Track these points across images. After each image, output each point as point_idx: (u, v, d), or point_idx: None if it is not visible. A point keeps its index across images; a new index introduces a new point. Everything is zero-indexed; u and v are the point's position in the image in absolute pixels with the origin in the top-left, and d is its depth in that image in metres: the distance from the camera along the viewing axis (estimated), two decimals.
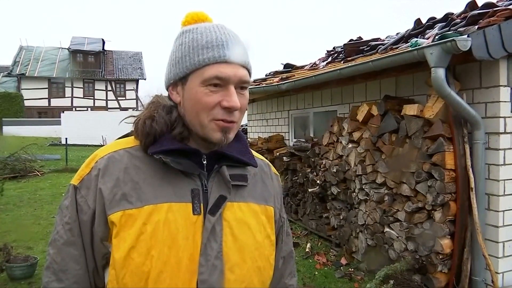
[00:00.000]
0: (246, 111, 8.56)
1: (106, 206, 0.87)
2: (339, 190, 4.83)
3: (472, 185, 3.25)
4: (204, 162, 0.94)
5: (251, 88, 6.85)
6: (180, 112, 0.95)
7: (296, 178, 5.94)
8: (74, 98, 33.04)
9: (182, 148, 0.92)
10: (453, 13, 4.57)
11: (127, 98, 34.52)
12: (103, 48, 34.50)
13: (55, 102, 32.24)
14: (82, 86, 33.44)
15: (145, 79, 35.13)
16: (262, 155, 1.18)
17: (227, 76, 0.88)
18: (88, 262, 0.91)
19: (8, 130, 24.69)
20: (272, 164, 1.17)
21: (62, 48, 34.80)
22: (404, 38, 4.84)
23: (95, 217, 0.88)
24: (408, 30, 5.09)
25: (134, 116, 0.99)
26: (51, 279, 0.89)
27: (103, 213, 0.88)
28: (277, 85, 5.88)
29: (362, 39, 6.54)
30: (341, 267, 4.55)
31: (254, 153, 1.09)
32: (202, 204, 0.90)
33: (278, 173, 1.16)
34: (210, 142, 0.92)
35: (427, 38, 3.94)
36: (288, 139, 6.90)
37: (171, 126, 0.93)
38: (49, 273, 0.90)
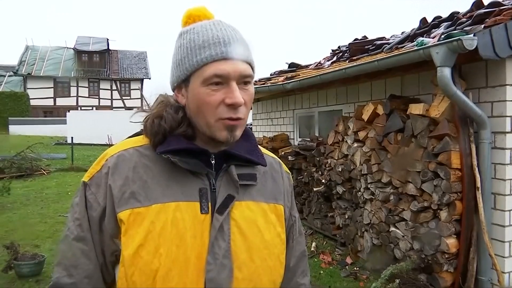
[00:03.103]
0: (251, 110, 8.59)
1: (116, 204, 0.88)
2: (344, 189, 4.82)
3: (478, 184, 3.24)
4: (212, 162, 0.95)
5: (256, 87, 6.86)
6: (187, 113, 0.95)
7: (301, 177, 5.94)
8: (79, 98, 33.20)
9: (190, 148, 0.92)
10: (459, 12, 4.56)
11: (132, 97, 34.62)
12: (108, 48, 34.63)
13: (61, 102, 32.42)
14: (87, 86, 33.59)
15: (150, 79, 35.21)
16: None
17: (226, 72, 0.87)
18: (98, 257, 0.91)
19: (14, 129, 24.86)
20: None
21: (67, 47, 34.98)
22: (410, 38, 4.83)
23: (105, 214, 0.89)
24: (413, 29, 5.08)
25: (144, 112, 0.99)
26: (62, 274, 0.89)
27: (112, 210, 0.88)
28: (282, 84, 5.88)
29: (367, 38, 6.53)
30: (347, 266, 4.55)
31: (264, 150, 1.08)
32: (210, 203, 0.91)
33: (289, 171, 1.15)
34: (218, 141, 0.92)
35: (433, 37, 3.93)
36: (293, 138, 6.90)
37: (178, 125, 0.94)
38: (60, 268, 0.90)
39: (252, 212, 0.95)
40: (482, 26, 3.27)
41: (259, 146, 1.05)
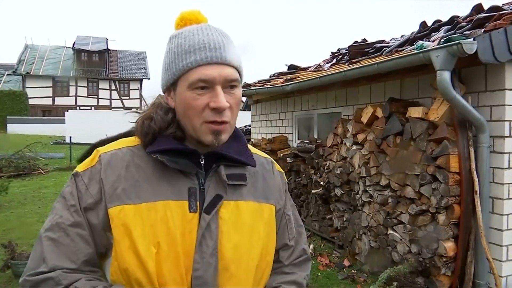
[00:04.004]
0: (250, 112, 8.60)
1: (107, 199, 0.90)
2: (342, 192, 4.83)
3: (477, 188, 3.25)
4: (202, 162, 0.97)
5: (255, 89, 6.88)
6: (177, 115, 0.97)
7: (299, 179, 5.95)
8: (78, 97, 33.16)
9: (178, 148, 0.94)
10: (458, 16, 4.57)
11: (131, 97, 34.61)
12: (107, 48, 34.61)
13: (59, 101, 32.39)
14: (86, 85, 33.55)
15: (149, 79, 35.20)
16: None
17: (211, 77, 0.89)
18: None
19: (12, 128, 24.81)
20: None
21: (66, 47, 34.97)
22: (409, 41, 4.84)
23: (99, 208, 0.90)
24: (413, 32, 5.08)
25: (138, 113, 1.02)
26: (60, 261, 0.86)
27: (104, 205, 0.90)
28: (281, 86, 5.89)
29: (367, 41, 6.53)
30: (344, 269, 4.55)
31: (256, 150, 1.11)
32: (198, 203, 0.92)
33: (282, 170, 1.16)
34: (204, 144, 0.94)
35: (433, 41, 3.94)
36: (292, 140, 6.90)
37: (168, 126, 0.96)
38: (57, 256, 0.87)
39: (241, 212, 0.97)
40: (482, 30, 3.28)
41: (249, 147, 1.07)
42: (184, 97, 0.92)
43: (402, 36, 5.70)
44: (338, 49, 7.49)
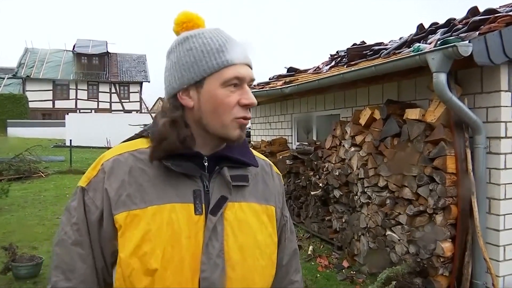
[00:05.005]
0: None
1: (112, 206, 0.91)
2: (341, 193, 4.85)
3: (473, 189, 3.27)
4: (205, 164, 0.98)
5: (254, 91, 6.91)
6: (187, 115, 0.98)
7: (298, 181, 5.97)
8: (78, 100, 33.20)
9: (183, 152, 0.95)
10: (455, 19, 4.60)
11: (131, 100, 34.65)
12: (107, 51, 34.66)
13: (60, 104, 32.42)
14: (86, 88, 33.60)
15: (149, 82, 35.26)
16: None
17: (243, 76, 0.95)
18: (97, 261, 0.93)
19: (12, 131, 24.86)
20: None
21: (66, 50, 35.02)
22: (407, 43, 4.87)
23: (104, 217, 0.92)
24: (410, 35, 5.12)
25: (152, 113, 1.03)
26: (59, 278, 0.91)
27: (110, 213, 0.91)
28: (280, 88, 5.92)
29: (365, 43, 6.57)
30: (343, 270, 4.57)
31: (255, 153, 1.12)
32: (203, 205, 0.93)
33: (280, 173, 1.18)
34: (230, 140, 0.96)
35: (429, 43, 3.97)
36: (291, 143, 6.93)
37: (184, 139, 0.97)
38: (58, 272, 0.92)
39: (244, 213, 0.98)
40: (477, 32, 3.31)
41: (250, 149, 1.09)
42: (216, 94, 0.93)
43: (400, 38, 5.73)
44: (337, 52, 7.52)
